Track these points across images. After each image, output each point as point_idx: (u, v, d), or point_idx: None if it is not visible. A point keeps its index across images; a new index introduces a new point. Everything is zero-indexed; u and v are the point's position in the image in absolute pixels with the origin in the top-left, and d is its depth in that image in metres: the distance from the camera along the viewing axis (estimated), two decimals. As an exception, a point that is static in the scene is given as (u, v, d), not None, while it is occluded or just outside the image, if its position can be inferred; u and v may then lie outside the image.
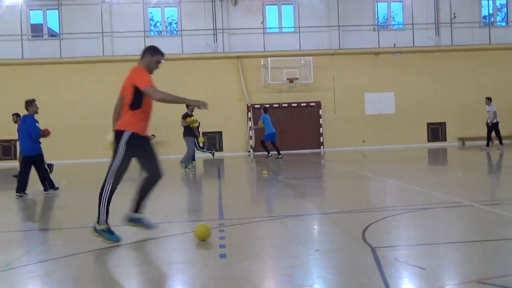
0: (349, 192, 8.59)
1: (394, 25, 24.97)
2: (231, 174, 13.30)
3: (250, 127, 22.31)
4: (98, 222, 4.99)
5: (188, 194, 9.75)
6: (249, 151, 22.80)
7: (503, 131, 18.93)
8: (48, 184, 9.81)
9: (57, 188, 9.98)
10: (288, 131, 22.77)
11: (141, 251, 4.78)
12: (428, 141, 23.62)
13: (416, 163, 14.88)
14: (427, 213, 6.23)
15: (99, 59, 22.13)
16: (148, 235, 5.36)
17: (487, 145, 18.45)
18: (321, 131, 23.13)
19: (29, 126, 9.45)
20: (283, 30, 24.07)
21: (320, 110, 23.08)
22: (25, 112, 9.62)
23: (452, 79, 23.54)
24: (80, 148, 21.46)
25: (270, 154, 17.59)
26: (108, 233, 4.98)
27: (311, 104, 23.03)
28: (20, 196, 9.34)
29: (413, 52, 23.44)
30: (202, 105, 4.88)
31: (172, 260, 4.47)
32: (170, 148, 20.40)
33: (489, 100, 18.27)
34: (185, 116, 13.32)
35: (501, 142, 18.30)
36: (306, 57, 22.60)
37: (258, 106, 22.24)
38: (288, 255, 4.37)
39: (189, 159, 13.39)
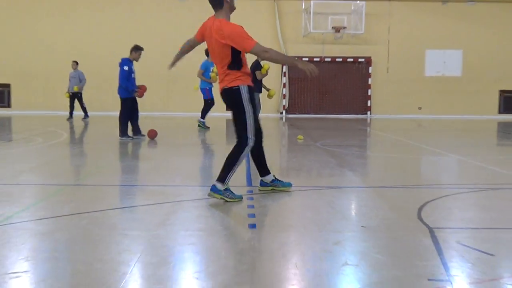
0: (401, 165, 8.60)
1: (468, -33, 23.92)
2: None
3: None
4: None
5: (204, 157, 9.86)
6: (281, 112, 22.64)
7: None
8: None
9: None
10: (329, 91, 22.49)
11: (156, 215, 4.83)
12: (500, 112, 23.14)
13: (484, 137, 14.65)
14: (497, 193, 6.15)
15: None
16: (166, 198, 5.44)
17: None
18: (369, 93, 22.72)
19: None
20: (331, -33, 23.31)
21: (370, 68, 22.65)
22: None
23: (536, 38, 22.61)
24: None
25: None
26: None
27: (359, 59, 22.59)
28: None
29: (489, 1, 22.57)
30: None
31: (192, 226, 4.49)
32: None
33: None
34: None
35: None
36: (358, 2, 22.05)
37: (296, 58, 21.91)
38: (329, 230, 4.39)
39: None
